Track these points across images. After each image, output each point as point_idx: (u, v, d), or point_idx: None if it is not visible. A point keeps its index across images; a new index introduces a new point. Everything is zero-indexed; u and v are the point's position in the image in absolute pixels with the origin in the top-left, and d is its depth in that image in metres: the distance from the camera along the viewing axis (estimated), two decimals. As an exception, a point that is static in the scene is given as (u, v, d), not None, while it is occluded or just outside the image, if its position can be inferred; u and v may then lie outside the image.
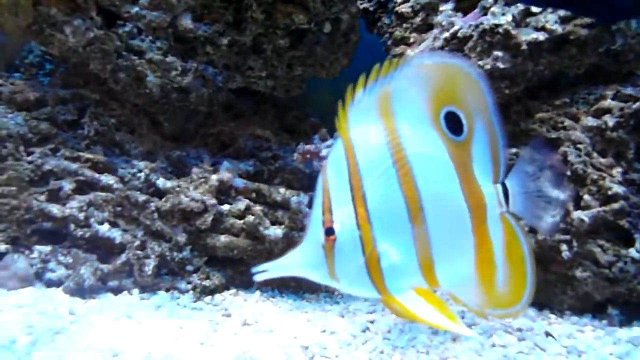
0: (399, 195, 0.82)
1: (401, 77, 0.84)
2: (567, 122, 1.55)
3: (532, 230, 1.46)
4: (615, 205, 1.40)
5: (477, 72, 0.86)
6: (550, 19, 1.53)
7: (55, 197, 1.56)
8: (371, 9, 2.20)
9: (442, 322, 0.82)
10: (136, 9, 1.54)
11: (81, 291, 1.44)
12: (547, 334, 1.16)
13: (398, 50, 1.93)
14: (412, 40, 1.89)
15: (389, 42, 1.99)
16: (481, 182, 0.87)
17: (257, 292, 1.57)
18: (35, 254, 1.50)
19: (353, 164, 0.83)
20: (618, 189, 1.40)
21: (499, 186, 0.86)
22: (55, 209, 1.52)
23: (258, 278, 0.88)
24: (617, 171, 1.45)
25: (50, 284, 1.49)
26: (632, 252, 1.37)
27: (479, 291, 0.86)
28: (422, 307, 0.84)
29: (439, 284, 0.88)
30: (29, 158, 1.56)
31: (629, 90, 1.50)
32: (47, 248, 1.52)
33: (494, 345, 1.10)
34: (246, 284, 1.62)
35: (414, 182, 0.82)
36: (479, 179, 0.86)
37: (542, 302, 1.52)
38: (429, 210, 0.83)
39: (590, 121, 1.50)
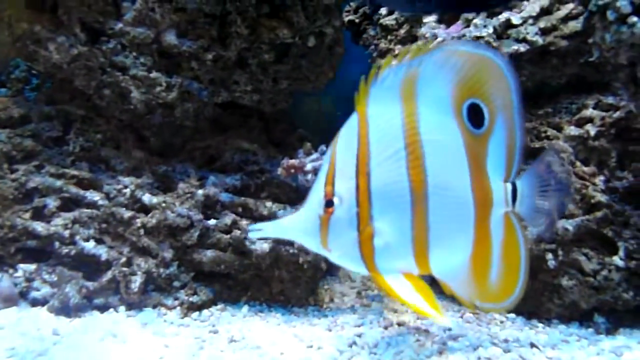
0: (404, 179, 0.82)
1: (432, 61, 0.82)
2: (550, 132, 1.56)
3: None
4: (599, 214, 1.41)
5: (509, 68, 0.84)
6: (531, 30, 1.55)
7: (40, 214, 1.55)
8: (357, 20, 2.22)
9: (424, 307, 0.83)
10: (120, 25, 1.55)
11: (66, 310, 1.43)
12: (532, 345, 1.17)
13: (383, 61, 1.94)
14: (397, 51, 1.91)
15: (375, 54, 2.01)
16: (492, 178, 0.85)
17: (245, 307, 1.56)
18: (19, 273, 1.49)
19: (363, 141, 0.82)
20: (601, 197, 1.42)
21: (509, 185, 0.85)
22: (39, 227, 1.51)
23: (252, 236, 0.89)
24: (599, 179, 1.46)
25: (35, 303, 1.47)
26: (616, 260, 1.38)
27: (470, 283, 0.86)
28: (407, 290, 0.85)
29: (430, 271, 0.87)
30: (13, 175, 1.55)
31: (610, 100, 1.53)
32: (32, 266, 1.51)
33: (479, 358, 1.10)
34: (234, 298, 1.61)
35: (423, 168, 0.82)
36: (491, 175, 0.85)
37: (530, 310, 1.52)
38: (433, 198, 0.82)
39: (572, 130, 1.52)
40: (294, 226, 0.87)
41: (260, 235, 0.89)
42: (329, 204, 0.82)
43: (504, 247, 0.87)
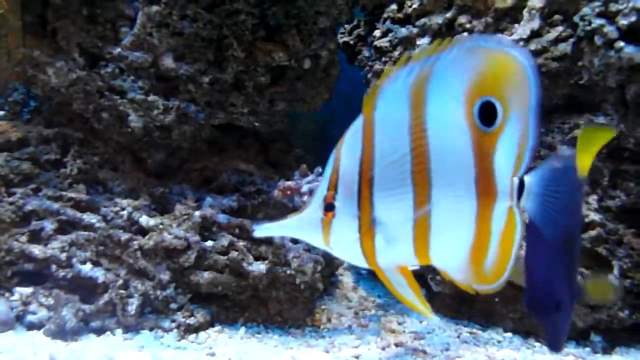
0: (408, 183, 0.83)
1: (448, 58, 0.81)
2: (544, 152, 1.58)
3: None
4: (593, 233, 1.43)
5: (533, 67, 0.81)
6: (522, 52, 1.58)
7: (37, 237, 1.55)
8: (351, 42, 2.25)
9: (414, 302, 0.90)
10: (118, 49, 1.57)
11: (63, 333, 1.42)
12: (530, 366, 1.17)
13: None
14: (391, 72, 1.94)
15: (369, 75, 2.04)
16: (500, 173, 0.85)
17: (242, 329, 1.55)
18: (15, 297, 1.49)
19: (368, 145, 0.83)
20: (594, 216, 1.44)
21: (516, 180, 0.85)
22: (36, 250, 1.51)
23: (258, 234, 0.93)
24: (593, 199, 1.48)
25: (31, 326, 1.46)
26: (611, 278, 1.39)
27: (468, 271, 0.88)
28: (403, 286, 0.90)
29: (430, 262, 0.90)
30: (10, 199, 1.55)
31: (601, 119, 1.54)
32: (28, 290, 1.50)
33: (477, 379, 1.11)
34: (231, 320, 1.61)
35: (427, 171, 0.82)
36: (499, 170, 0.85)
37: (527, 329, 1.53)
38: (436, 199, 0.83)
39: (565, 150, 1.54)
40: (297, 225, 0.90)
41: (266, 233, 0.93)
42: (329, 207, 0.84)
43: (501, 237, 0.87)
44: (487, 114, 0.84)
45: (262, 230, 0.92)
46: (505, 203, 0.86)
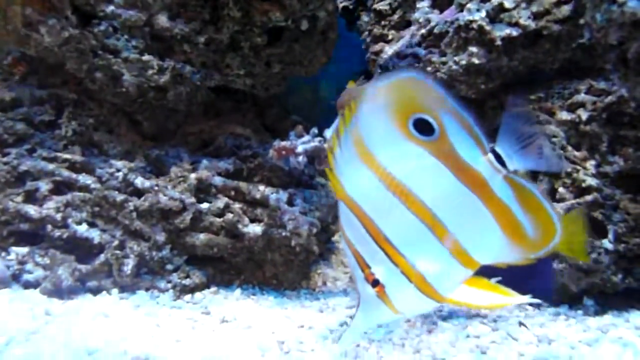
0: (411, 218, 0.89)
1: (363, 115, 0.90)
2: (542, 117, 1.57)
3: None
4: (589, 198, 1.42)
5: (422, 75, 0.92)
6: (524, 14, 1.55)
7: (32, 197, 1.54)
8: (350, 7, 2.21)
9: (500, 301, 0.89)
10: (111, 7, 1.54)
11: (59, 292, 1.43)
12: (521, 324, 1.18)
13: (377, 47, 1.94)
14: (390, 37, 1.91)
15: (368, 40, 2.01)
16: (472, 161, 0.91)
17: (238, 290, 1.57)
18: (12, 256, 1.49)
19: (362, 216, 0.90)
20: (592, 181, 1.43)
21: (490, 155, 0.90)
22: (32, 210, 1.51)
23: (342, 345, 1.05)
24: (590, 164, 1.47)
25: (27, 285, 1.47)
26: (605, 243, 1.39)
27: (517, 248, 0.91)
28: (477, 296, 0.91)
29: (479, 264, 0.93)
30: (5, 159, 1.55)
31: (602, 85, 1.53)
32: (24, 249, 1.51)
33: (468, 336, 1.12)
34: (227, 282, 1.62)
35: (417, 199, 0.89)
36: (469, 159, 0.91)
37: (520, 293, 1.54)
38: (441, 213, 0.88)
39: (564, 115, 1.53)
40: (365, 317, 0.95)
41: (349, 343, 1.02)
42: (375, 283, 0.90)
43: (521, 203, 0.91)
44: (423, 128, 0.91)
45: (343, 342, 1.01)
46: (496, 178, 0.91)
